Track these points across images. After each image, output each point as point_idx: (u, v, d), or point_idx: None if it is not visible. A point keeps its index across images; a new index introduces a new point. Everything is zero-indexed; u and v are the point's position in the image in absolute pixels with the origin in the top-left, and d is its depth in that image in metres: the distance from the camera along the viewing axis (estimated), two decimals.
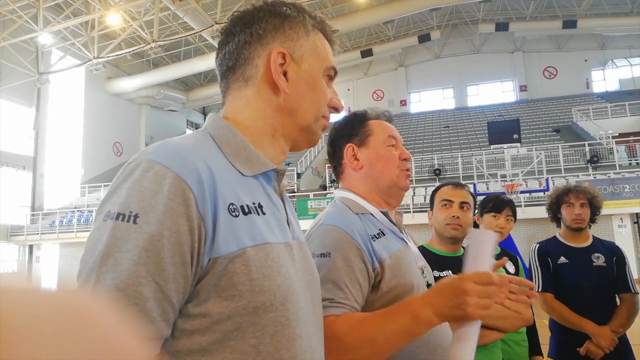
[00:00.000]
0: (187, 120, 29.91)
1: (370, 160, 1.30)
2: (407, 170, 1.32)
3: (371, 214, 1.25)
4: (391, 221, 1.28)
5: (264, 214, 0.75)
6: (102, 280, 0.60)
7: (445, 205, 1.98)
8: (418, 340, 1.01)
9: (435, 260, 1.89)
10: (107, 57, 19.21)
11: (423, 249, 1.99)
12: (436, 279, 1.87)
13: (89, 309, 0.24)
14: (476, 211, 2.74)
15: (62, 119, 21.56)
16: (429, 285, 1.27)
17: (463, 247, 2.04)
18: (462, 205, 1.96)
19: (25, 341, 0.20)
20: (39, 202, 20.52)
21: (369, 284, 1.13)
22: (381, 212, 1.27)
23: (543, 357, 2.50)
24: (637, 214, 13.92)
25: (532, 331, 2.43)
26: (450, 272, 1.85)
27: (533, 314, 2.48)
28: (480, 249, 1.08)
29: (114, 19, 18.90)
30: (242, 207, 0.72)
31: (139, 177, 0.65)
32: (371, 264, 1.14)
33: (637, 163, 16.30)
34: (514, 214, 2.60)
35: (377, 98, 29.81)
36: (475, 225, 2.82)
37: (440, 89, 30.12)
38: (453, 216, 1.94)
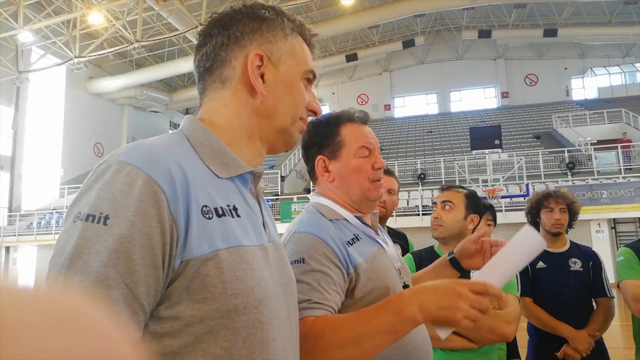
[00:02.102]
0: (170, 121, 29.62)
1: (341, 174, 1.28)
2: (379, 180, 1.29)
3: (345, 219, 1.25)
4: (366, 224, 1.28)
5: (238, 216, 0.75)
6: (70, 282, 0.59)
7: (433, 209, 2.08)
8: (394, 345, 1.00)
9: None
10: (89, 56, 18.93)
11: (432, 251, 2.10)
12: None
13: (86, 308, 0.25)
14: None
15: (42, 118, 21.16)
16: (405, 286, 1.26)
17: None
18: (444, 204, 2.01)
19: (25, 341, 0.20)
20: (17, 203, 20.09)
21: (345, 289, 1.13)
22: (355, 216, 1.26)
23: None
24: (614, 219, 14.19)
25: None
26: None
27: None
28: (517, 250, 1.02)
29: (97, 18, 18.64)
30: (215, 209, 0.71)
31: (110, 179, 0.65)
32: (346, 270, 1.13)
33: (626, 169, 16.60)
34: (494, 219, 2.64)
35: (362, 102, 29.93)
36: None
37: (423, 94, 30.39)
38: (434, 217, 2.02)
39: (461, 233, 1.98)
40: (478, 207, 2.04)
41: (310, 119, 0.95)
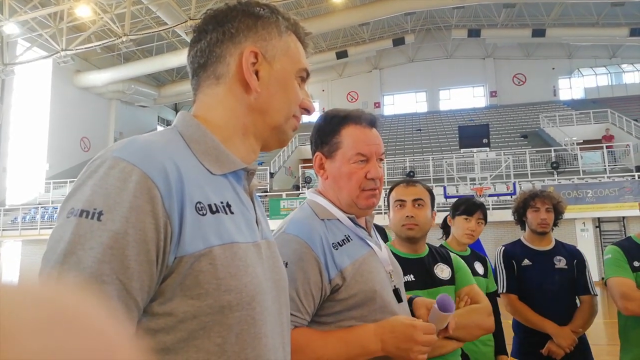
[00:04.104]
0: (158, 116, 29.37)
1: (333, 175, 1.28)
2: (373, 189, 1.25)
3: (338, 219, 1.25)
4: (359, 225, 1.27)
5: (232, 213, 0.75)
6: (64, 278, 0.59)
7: (399, 205, 1.85)
8: None
9: (398, 262, 1.87)
10: (76, 49, 18.69)
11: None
12: None
13: (83, 306, 0.25)
14: (448, 213, 2.79)
15: (28, 112, 20.85)
16: (395, 289, 1.25)
17: (428, 244, 1.93)
18: (416, 202, 1.82)
19: (24, 340, 0.20)
20: (1, 198, 19.79)
21: (322, 296, 1.14)
22: (348, 217, 1.26)
23: (508, 357, 2.56)
24: (599, 218, 14.40)
25: (498, 331, 2.49)
26: (412, 276, 1.77)
27: (501, 321, 2.53)
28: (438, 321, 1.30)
29: (84, 11, 18.40)
30: (209, 205, 0.72)
31: (105, 174, 0.64)
32: (328, 276, 1.14)
33: (607, 169, 16.82)
34: (485, 217, 2.66)
35: (352, 100, 29.97)
36: (446, 227, 2.86)
37: (413, 92, 30.48)
38: (407, 216, 1.80)
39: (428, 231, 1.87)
40: (434, 202, 1.92)
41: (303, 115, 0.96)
